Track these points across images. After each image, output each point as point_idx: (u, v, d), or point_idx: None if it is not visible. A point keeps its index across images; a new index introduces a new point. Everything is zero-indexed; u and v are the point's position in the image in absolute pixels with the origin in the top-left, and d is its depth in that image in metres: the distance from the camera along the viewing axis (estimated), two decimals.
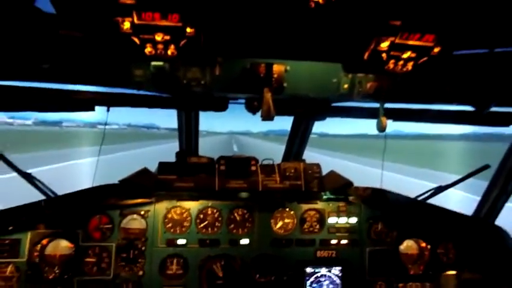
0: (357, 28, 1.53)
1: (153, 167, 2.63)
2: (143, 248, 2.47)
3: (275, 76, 1.89)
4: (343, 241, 2.69)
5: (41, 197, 2.48)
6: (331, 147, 48.93)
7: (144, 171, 2.58)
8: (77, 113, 2.35)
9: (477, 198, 2.90)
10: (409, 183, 16.87)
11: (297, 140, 3.29)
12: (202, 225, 2.57)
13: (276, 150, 4.60)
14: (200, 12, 1.34)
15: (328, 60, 1.95)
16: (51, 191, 2.53)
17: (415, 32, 1.47)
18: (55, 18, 1.49)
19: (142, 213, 2.51)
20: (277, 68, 1.88)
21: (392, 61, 1.67)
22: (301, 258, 2.64)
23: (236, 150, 34.46)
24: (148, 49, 1.52)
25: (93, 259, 2.41)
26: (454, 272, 2.68)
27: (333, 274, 2.64)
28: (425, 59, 1.64)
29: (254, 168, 2.66)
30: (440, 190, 2.84)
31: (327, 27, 1.55)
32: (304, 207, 2.71)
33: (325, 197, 2.73)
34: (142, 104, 2.39)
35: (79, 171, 13.75)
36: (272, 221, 2.67)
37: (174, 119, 3.05)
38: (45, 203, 2.42)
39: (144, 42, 1.48)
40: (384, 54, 1.62)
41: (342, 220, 2.71)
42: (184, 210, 2.57)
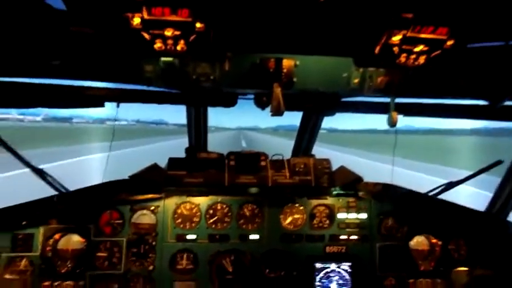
0: (368, 21, 1.51)
1: (162, 163, 2.65)
2: (153, 243, 2.49)
3: (285, 71, 1.87)
4: (353, 237, 2.67)
5: (51, 193, 2.51)
6: (340, 143, 48.66)
7: (154, 166, 2.59)
8: (87, 109, 2.37)
9: (488, 194, 2.86)
10: (420, 178, 16.70)
11: (306, 135, 3.28)
12: (211, 220, 2.58)
13: (284, 146, 4.58)
14: (210, 7, 1.33)
15: (338, 55, 1.92)
16: (63, 187, 2.56)
17: (428, 24, 1.44)
18: (65, 14, 1.49)
19: (152, 208, 2.53)
20: (286, 62, 1.86)
21: (404, 55, 1.64)
22: (310, 253, 2.64)
23: (244, 146, 34.48)
24: (158, 45, 1.52)
25: (105, 254, 2.44)
26: (466, 268, 2.65)
27: (343, 270, 2.63)
28: (438, 52, 1.61)
29: (264, 163, 2.65)
30: (451, 186, 2.80)
31: (337, 21, 1.53)
32: (314, 202, 2.70)
33: (334, 192, 2.71)
34: (152, 99, 2.40)
35: (89, 167, 13.93)
36: (282, 216, 2.67)
37: (183, 114, 3.06)
38: (57, 198, 2.45)
39: (154, 37, 1.47)
40: (396, 48, 1.59)
41: (352, 215, 2.70)
42: (193, 206, 2.58)
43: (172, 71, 1.86)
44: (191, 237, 2.53)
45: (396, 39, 1.53)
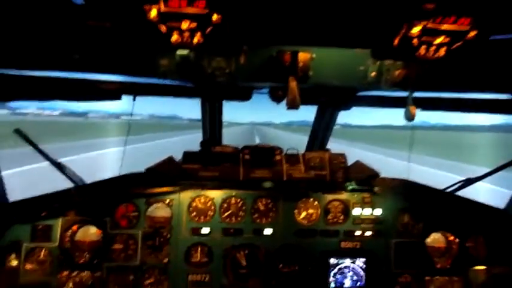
0: (387, 12, 1.47)
1: (177, 157, 2.66)
2: (168, 236, 2.52)
3: (300, 64, 1.85)
4: (368, 232, 2.65)
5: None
6: (355, 138, 48.14)
7: (170, 160, 2.61)
8: (103, 103, 2.40)
9: (505, 191, 2.78)
10: (436, 175, 16.40)
11: (320, 130, 3.24)
12: (226, 214, 2.59)
13: (298, 141, 4.55)
14: None
15: (356, 47, 1.88)
16: (81, 180, 2.61)
17: (449, 15, 1.39)
18: (83, 9, 1.51)
19: (167, 201, 2.56)
20: (302, 56, 1.83)
21: (423, 47, 1.59)
22: (325, 249, 2.62)
23: (258, 141, 34.48)
24: (175, 37, 1.52)
25: (121, 246, 2.47)
26: (484, 266, 2.59)
27: (357, 266, 2.61)
28: (459, 44, 1.56)
29: (279, 157, 2.65)
30: (469, 182, 2.74)
31: (355, 12, 1.50)
32: (329, 197, 2.68)
33: (350, 187, 2.68)
34: (167, 93, 2.42)
35: (105, 161, 14.19)
36: (296, 211, 2.66)
37: (197, 109, 3.07)
38: (75, 190, 2.50)
39: (171, 30, 1.47)
40: (415, 40, 1.54)
41: (367, 211, 2.67)
42: (208, 199, 2.59)
43: (187, 64, 1.86)
44: (205, 230, 2.55)
45: (416, 30, 1.48)
